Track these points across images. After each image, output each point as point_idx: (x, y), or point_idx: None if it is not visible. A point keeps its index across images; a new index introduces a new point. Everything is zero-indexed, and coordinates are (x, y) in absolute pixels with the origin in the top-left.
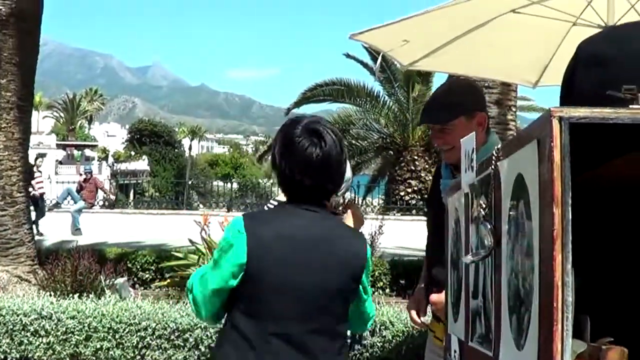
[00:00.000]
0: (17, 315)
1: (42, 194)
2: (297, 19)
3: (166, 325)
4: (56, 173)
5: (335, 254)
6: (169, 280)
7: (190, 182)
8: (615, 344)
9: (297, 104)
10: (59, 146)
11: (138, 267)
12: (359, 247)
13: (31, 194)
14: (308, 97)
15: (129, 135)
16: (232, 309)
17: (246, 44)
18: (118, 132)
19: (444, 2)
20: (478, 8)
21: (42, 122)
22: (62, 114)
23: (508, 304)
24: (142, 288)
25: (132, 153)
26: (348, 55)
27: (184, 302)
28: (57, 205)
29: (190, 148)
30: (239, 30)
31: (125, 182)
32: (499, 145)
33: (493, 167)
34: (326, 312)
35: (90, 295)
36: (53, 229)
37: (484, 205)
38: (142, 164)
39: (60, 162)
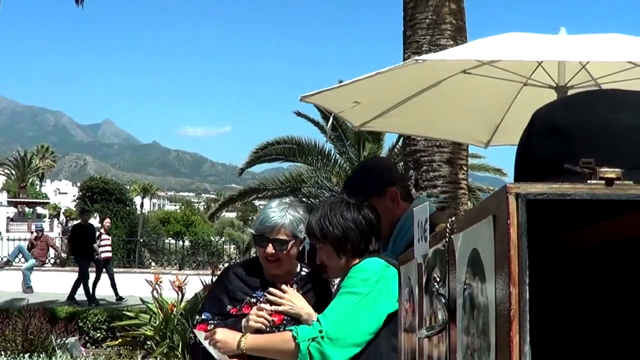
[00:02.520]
0: None
1: (107, 258)
2: (247, 77)
3: None
4: (7, 230)
5: None
6: (120, 340)
7: (142, 240)
8: None
9: (249, 163)
10: (10, 203)
11: (89, 326)
12: None
13: (96, 257)
14: (260, 156)
15: (80, 193)
16: (381, 335)
17: (197, 101)
18: (69, 189)
19: (395, 65)
20: (429, 69)
21: None
22: (13, 171)
23: None
24: (94, 347)
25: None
26: (299, 114)
27: None
28: (8, 262)
29: (141, 206)
30: (190, 88)
31: None
32: (453, 218)
33: (447, 239)
34: None
35: (42, 355)
36: (4, 287)
37: (438, 279)
38: (93, 221)
39: (12, 219)
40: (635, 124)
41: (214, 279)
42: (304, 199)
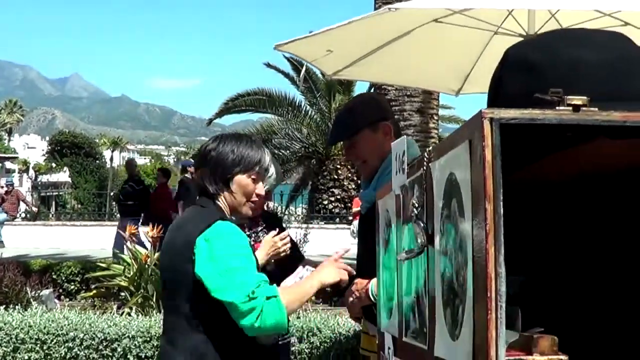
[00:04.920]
0: None
1: None
2: (216, 29)
3: (94, 336)
4: None
5: (178, 237)
6: (94, 291)
7: (112, 194)
8: (549, 334)
9: (219, 114)
10: None
11: (63, 278)
12: (192, 232)
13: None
14: (230, 107)
15: (49, 147)
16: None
17: (166, 54)
18: (38, 144)
19: (367, 13)
20: (401, 18)
21: None
22: None
23: (442, 297)
24: (68, 299)
25: (53, 165)
26: (269, 65)
27: (110, 312)
28: None
29: (111, 159)
30: (158, 40)
31: (47, 194)
32: (430, 148)
33: (425, 168)
34: (173, 292)
35: (17, 307)
36: None
37: (416, 205)
38: (63, 175)
39: None
40: (597, 59)
41: None
42: (274, 150)
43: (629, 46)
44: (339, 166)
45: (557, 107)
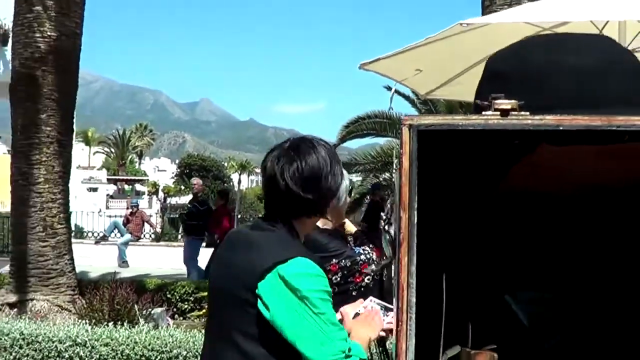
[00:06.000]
0: (53, 342)
1: None
2: (339, 53)
3: (197, 354)
4: (107, 207)
5: (242, 260)
6: (205, 310)
7: (239, 216)
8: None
9: (342, 139)
10: (109, 181)
11: (177, 297)
12: (263, 261)
13: None
14: (351, 130)
15: (178, 170)
16: None
17: (292, 78)
18: (168, 167)
19: (447, 31)
20: (488, 36)
21: (93, 157)
22: (112, 149)
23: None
24: (181, 318)
25: (182, 187)
26: (389, 88)
27: None
28: (104, 238)
29: (239, 182)
30: (285, 65)
31: (175, 215)
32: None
33: (394, 179)
34: (231, 318)
35: (125, 324)
36: (100, 261)
37: (384, 217)
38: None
39: (111, 197)
40: (572, 65)
41: None
42: (395, 174)
43: (612, 49)
44: None
45: (483, 112)
